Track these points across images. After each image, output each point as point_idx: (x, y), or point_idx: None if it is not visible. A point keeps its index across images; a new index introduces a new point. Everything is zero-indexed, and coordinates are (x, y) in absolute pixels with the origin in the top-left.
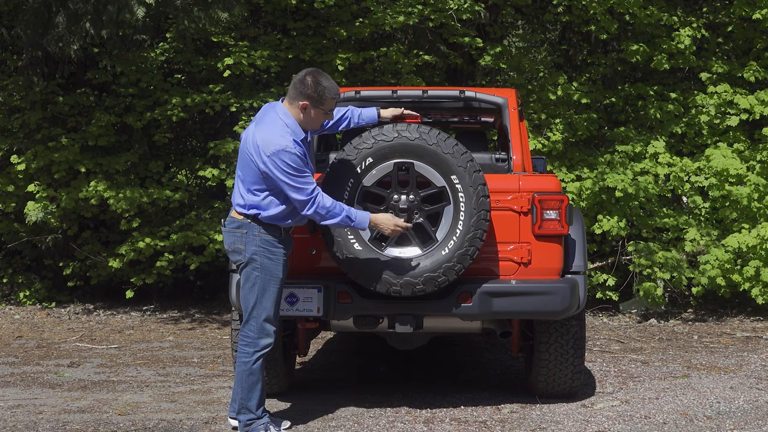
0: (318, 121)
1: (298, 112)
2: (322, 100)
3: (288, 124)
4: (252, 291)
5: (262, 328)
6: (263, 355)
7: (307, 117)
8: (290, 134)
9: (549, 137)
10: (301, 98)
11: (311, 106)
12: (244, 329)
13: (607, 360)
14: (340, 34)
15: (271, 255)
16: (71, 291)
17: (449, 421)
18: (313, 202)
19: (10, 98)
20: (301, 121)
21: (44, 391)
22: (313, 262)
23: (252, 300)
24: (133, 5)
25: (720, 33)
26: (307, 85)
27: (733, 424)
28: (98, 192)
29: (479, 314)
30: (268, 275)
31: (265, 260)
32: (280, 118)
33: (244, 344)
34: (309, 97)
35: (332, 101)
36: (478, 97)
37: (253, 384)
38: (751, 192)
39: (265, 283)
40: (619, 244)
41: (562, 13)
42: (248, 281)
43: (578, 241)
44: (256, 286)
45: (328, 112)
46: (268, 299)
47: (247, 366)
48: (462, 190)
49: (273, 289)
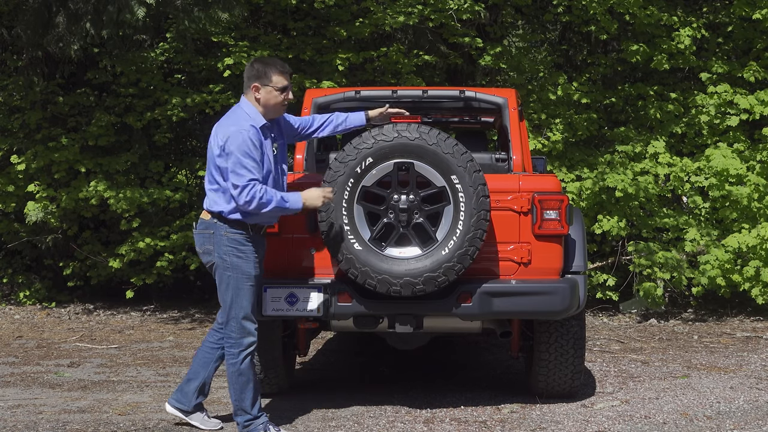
0: (275, 101)
1: (253, 98)
2: (268, 74)
3: (248, 112)
4: (227, 291)
5: (242, 327)
6: (249, 353)
7: (263, 100)
8: (248, 120)
9: (549, 137)
10: (251, 82)
11: (261, 85)
12: (226, 331)
13: (607, 360)
14: (340, 34)
15: (240, 253)
16: (71, 291)
17: (449, 421)
18: (243, 188)
19: (10, 98)
20: (260, 107)
21: (44, 391)
22: (313, 262)
23: (228, 300)
24: (133, 5)
25: (720, 33)
26: (253, 67)
27: (733, 424)
28: (98, 192)
29: (479, 314)
30: (239, 274)
31: (234, 259)
32: (240, 107)
33: (229, 345)
34: (256, 77)
35: (280, 75)
36: (478, 97)
37: (244, 384)
38: (751, 192)
39: (238, 282)
40: (619, 244)
41: (562, 13)
42: (222, 282)
43: (578, 241)
44: (230, 286)
45: (280, 88)
46: (243, 298)
47: (235, 367)
48: (462, 190)
49: (247, 287)
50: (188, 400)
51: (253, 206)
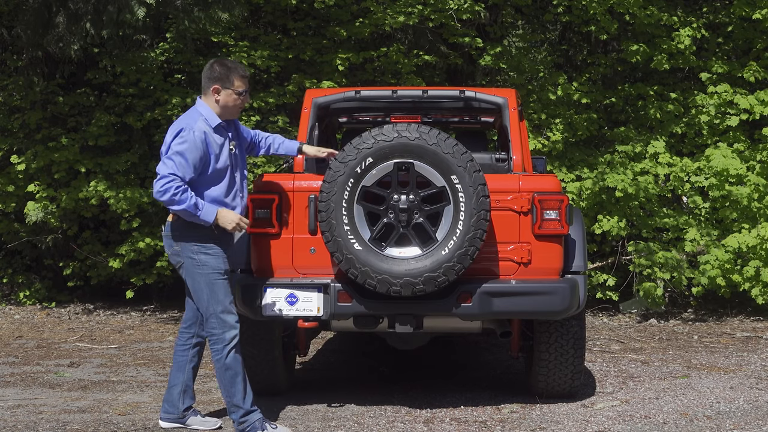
0: (233, 103)
1: (212, 99)
2: (230, 78)
3: (202, 113)
4: (201, 290)
5: (222, 321)
6: (233, 347)
7: (222, 101)
8: (200, 120)
9: (549, 137)
10: (211, 83)
11: (221, 87)
12: (207, 329)
13: (607, 360)
14: (340, 34)
15: (207, 251)
16: (71, 291)
17: (449, 421)
18: (162, 178)
19: (10, 98)
20: (216, 108)
21: (44, 391)
22: (313, 262)
23: (204, 298)
24: (133, 5)
25: (720, 33)
26: (214, 69)
27: (733, 424)
28: (98, 192)
29: (479, 314)
30: (210, 269)
31: (202, 257)
32: (195, 109)
33: (212, 342)
34: (218, 80)
35: (241, 80)
36: (478, 97)
37: (231, 378)
38: (751, 192)
39: (210, 277)
40: (619, 244)
41: (562, 13)
42: (194, 281)
43: (578, 241)
44: (203, 284)
45: (239, 93)
46: (218, 292)
47: (221, 362)
48: (462, 190)
49: (220, 282)
50: (175, 407)
51: (164, 199)
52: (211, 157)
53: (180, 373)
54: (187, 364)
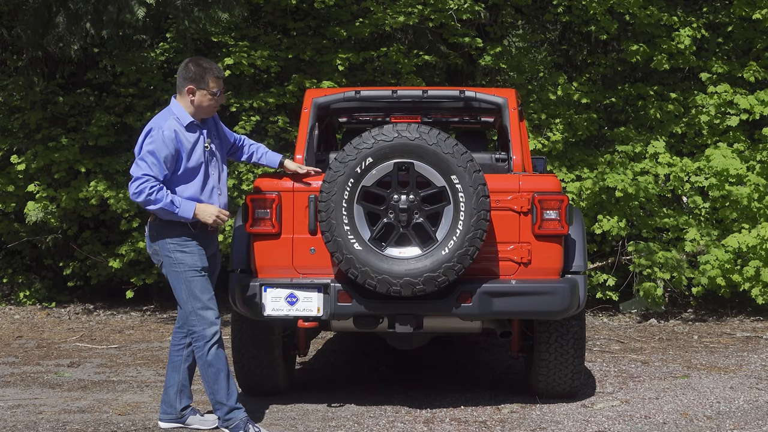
0: (207, 103)
1: (187, 99)
2: (205, 79)
3: (175, 112)
4: (180, 288)
5: (202, 318)
6: (214, 343)
7: (197, 101)
8: (171, 119)
9: (549, 137)
10: (186, 83)
11: (196, 88)
12: (188, 327)
13: (607, 360)
14: (340, 34)
15: (184, 249)
16: (71, 291)
17: (449, 421)
18: (135, 180)
19: (10, 98)
20: (190, 108)
21: (44, 391)
22: (313, 262)
23: (183, 296)
24: (133, 5)
25: (720, 33)
26: (189, 69)
27: (733, 424)
28: (98, 192)
29: (479, 314)
30: (187, 268)
31: (179, 255)
32: (169, 108)
33: (194, 340)
34: (192, 80)
35: (216, 80)
36: (478, 97)
37: (214, 375)
38: (751, 192)
39: (188, 275)
40: (619, 244)
41: (562, 13)
42: (173, 279)
43: (578, 241)
44: (182, 282)
45: (214, 93)
46: (196, 289)
47: (203, 360)
48: (462, 190)
49: (198, 279)
50: (173, 407)
51: (140, 200)
52: (183, 154)
53: (175, 373)
54: (182, 364)
